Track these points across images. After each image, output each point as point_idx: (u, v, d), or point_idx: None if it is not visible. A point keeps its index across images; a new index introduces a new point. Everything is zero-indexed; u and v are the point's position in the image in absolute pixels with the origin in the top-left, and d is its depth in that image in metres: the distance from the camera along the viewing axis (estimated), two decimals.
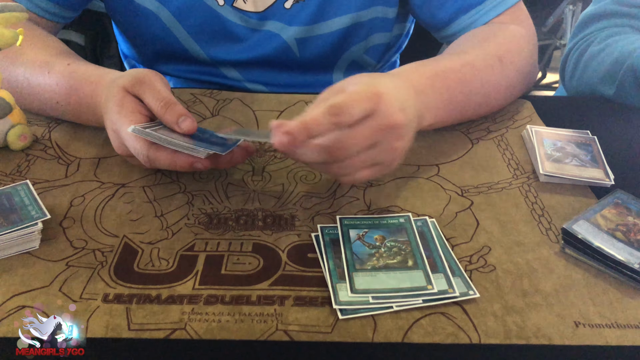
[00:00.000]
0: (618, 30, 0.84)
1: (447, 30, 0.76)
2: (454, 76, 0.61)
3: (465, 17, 0.73)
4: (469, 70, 0.63)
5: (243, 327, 0.42)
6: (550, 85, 2.55)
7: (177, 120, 0.52)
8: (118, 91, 0.54)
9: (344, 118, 0.46)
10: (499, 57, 0.66)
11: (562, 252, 0.50)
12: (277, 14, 0.75)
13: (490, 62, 0.65)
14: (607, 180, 0.57)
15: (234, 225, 0.52)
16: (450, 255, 0.48)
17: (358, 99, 0.47)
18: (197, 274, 0.47)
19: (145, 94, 0.54)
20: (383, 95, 0.48)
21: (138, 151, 0.52)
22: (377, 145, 0.48)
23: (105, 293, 0.45)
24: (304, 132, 0.45)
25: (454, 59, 0.64)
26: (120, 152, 0.56)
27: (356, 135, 0.47)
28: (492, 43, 0.68)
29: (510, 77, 0.68)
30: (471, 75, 0.63)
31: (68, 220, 0.52)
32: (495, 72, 0.65)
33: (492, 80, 0.65)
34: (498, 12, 0.72)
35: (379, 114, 0.47)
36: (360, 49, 0.81)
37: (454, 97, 0.61)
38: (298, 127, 0.45)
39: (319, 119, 0.45)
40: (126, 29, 0.82)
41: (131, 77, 0.55)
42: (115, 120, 0.53)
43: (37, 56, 0.64)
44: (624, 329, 0.43)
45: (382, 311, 0.43)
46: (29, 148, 0.63)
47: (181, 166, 0.51)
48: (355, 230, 0.50)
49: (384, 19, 0.78)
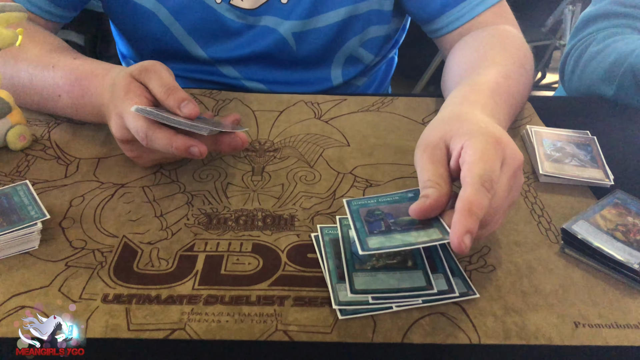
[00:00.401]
0: (617, 30, 0.84)
1: (435, 24, 0.77)
2: (502, 90, 0.60)
3: (454, 10, 0.75)
4: (509, 81, 0.62)
5: (243, 327, 0.42)
6: (549, 86, 2.55)
7: (179, 105, 0.53)
8: (124, 77, 0.55)
9: (494, 186, 0.43)
10: (521, 64, 0.66)
11: (562, 253, 0.50)
12: (273, 9, 0.76)
13: (520, 71, 0.65)
14: (606, 181, 0.57)
15: (234, 225, 0.52)
16: (449, 256, 0.48)
17: (492, 157, 0.44)
18: (197, 274, 0.47)
19: (151, 80, 0.55)
20: (501, 140, 0.45)
21: (138, 129, 0.52)
22: (512, 189, 0.46)
23: (105, 293, 0.45)
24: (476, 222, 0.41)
25: (493, 72, 0.62)
26: (119, 136, 0.55)
27: (500, 193, 0.44)
28: (510, 51, 0.68)
29: (529, 80, 0.69)
30: (512, 87, 0.62)
31: (67, 221, 0.52)
32: (523, 79, 0.66)
33: (522, 90, 0.66)
34: (485, 6, 0.74)
35: (507, 161, 0.45)
36: (357, 42, 0.81)
37: (508, 108, 0.60)
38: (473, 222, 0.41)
39: (481, 201, 0.41)
40: (124, 28, 0.82)
41: (139, 65, 0.56)
42: (119, 104, 0.54)
43: (41, 52, 0.65)
44: (623, 329, 0.43)
45: (381, 311, 0.43)
46: (29, 148, 0.63)
47: (177, 147, 0.51)
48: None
49: (380, 12, 0.79)
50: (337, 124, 0.69)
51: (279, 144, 0.65)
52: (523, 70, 0.66)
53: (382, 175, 0.60)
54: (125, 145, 0.57)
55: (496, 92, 0.57)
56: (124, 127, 0.54)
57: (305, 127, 0.68)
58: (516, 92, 0.63)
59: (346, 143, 0.65)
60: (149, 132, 0.51)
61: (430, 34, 0.81)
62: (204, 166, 0.61)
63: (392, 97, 0.76)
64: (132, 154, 0.57)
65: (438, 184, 0.44)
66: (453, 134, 0.46)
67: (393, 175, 0.59)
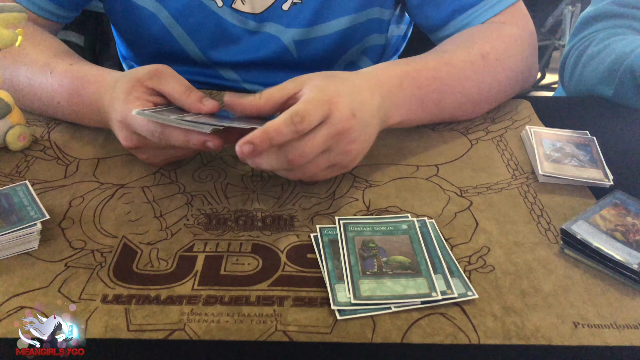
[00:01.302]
0: (617, 31, 0.84)
1: (443, 31, 0.75)
2: (426, 74, 0.61)
3: (462, 17, 0.73)
4: (445, 68, 0.63)
5: (242, 327, 0.42)
6: (549, 86, 2.55)
7: (200, 100, 0.54)
8: (128, 80, 0.55)
9: (303, 127, 0.48)
10: (482, 54, 0.65)
11: (561, 253, 0.50)
12: (275, 16, 0.75)
13: (471, 59, 0.65)
14: (606, 181, 0.57)
15: (233, 225, 0.52)
16: (449, 256, 0.48)
17: (315, 106, 0.49)
18: (197, 275, 0.47)
19: (168, 81, 0.55)
20: (335, 103, 0.50)
21: (152, 130, 0.51)
22: (332, 150, 0.51)
23: (105, 294, 0.45)
24: (266, 142, 0.47)
25: (430, 57, 0.64)
26: (127, 144, 0.55)
27: (312, 142, 0.49)
28: (478, 41, 0.67)
29: (497, 75, 0.67)
30: (446, 73, 0.63)
31: (67, 221, 0.52)
32: (477, 70, 0.65)
33: (473, 77, 0.65)
34: (495, 12, 0.71)
35: (331, 120, 0.50)
36: (357, 51, 0.81)
37: (427, 95, 0.62)
38: (260, 137, 0.47)
39: (281, 128, 0.47)
40: (124, 29, 0.82)
41: (148, 69, 0.56)
42: (120, 109, 0.54)
43: (39, 56, 0.64)
44: (623, 329, 0.43)
45: (380, 312, 0.43)
46: (28, 148, 0.63)
47: (194, 143, 0.51)
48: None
49: (380, 20, 0.79)
50: None
51: None
52: (481, 59, 0.65)
53: (381, 175, 0.60)
54: (136, 150, 0.57)
55: (411, 74, 0.61)
56: (132, 133, 0.54)
57: None
58: (453, 77, 0.63)
59: None
60: (165, 130, 0.51)
61: (438, 42, 0.78)
62: (203, 166, 0.61)
63: None
64: (144, 156, 0.57)
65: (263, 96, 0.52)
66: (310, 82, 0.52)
67: (392, 176, 0.59)
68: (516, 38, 0.70)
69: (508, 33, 0.70)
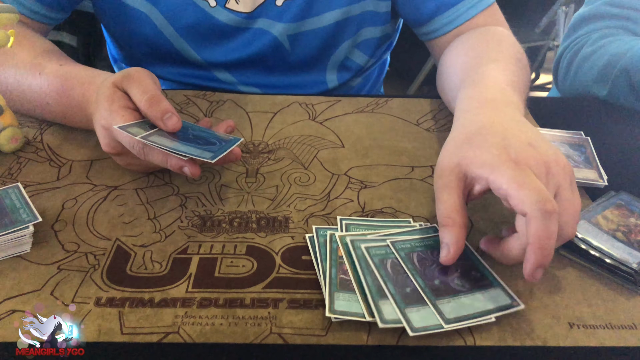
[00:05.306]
0: (611, 31, 0.84)
1: (428, 26, 0.77)
2: (509, 80, 0.59)
3: (448, 13, 0.75)
4: (513, 73, 0.62)
5: (237, 330, 0.42)
6: (543, 86, 2.56)
7: (161, 117, 0.51)
8: (108, 87, 0.54)
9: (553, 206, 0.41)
10: (517, 59, 0.66)
11: (557, 253, 0.50)
12: (268, 11, 0.75)
13: (518, 65, 0.65)
14: (600, 181, 0.58)
15: (228, 227, 0.52)
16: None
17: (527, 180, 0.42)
18: (191, 277, 0.46)
19: (132, 88, 0.53)
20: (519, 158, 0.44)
21: (134, 144, 0.51)
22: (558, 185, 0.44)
23: (98, 297, 0.44)
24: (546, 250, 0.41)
25: (495, 67, 0.61)
26: (109, 150, 0.54)
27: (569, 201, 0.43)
28: (506, 47, 0.68)
29: (527, 75, 0.69)
30: (517, 77, 0.62)
31: (60, 223, 0.52)
32: (521, 73, 0.65)
33: (523, 79, 0.65)
34: (478, 10, 0.74)
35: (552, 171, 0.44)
36: (351, 44, 0.81)
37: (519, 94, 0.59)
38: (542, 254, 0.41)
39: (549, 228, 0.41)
40: (116, 30, 0.81)
41: (122, 72, 0.55)
42: (105, 116, 0.52)
43: (28, 57, 0.64)
44: (618, 330, 0.43)
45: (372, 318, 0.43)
46: (21, 150, 0.62)
47: (171, 166, 0.50)
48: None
49: (374, 13, 0.79)
50: (332, 125, 0.69)
51: (273, 145, 0.65)
52: (520, 64, 0.66)
53: (376, 176, 0.59)
54: (115, 156, 0.56)
55: (506, 82, 0.57)
56: (113, 140, 0.53)
57: (299, 129, 0.68)
58: (522, 80, 0.63)
59: (341, 144, 0.65)
60: (145, 148, 0.50)
61: (422, 37, 0.81)
62: None
63: (387, 98, 0.76)
64: (124, 162, 0.57)
65: (451, 219, 0.45)
66: (468, 162, 0.46)
67: (388, 177, 0.59)
68: (511, 38, 0.72)
69: (508, 36, 0.72)
